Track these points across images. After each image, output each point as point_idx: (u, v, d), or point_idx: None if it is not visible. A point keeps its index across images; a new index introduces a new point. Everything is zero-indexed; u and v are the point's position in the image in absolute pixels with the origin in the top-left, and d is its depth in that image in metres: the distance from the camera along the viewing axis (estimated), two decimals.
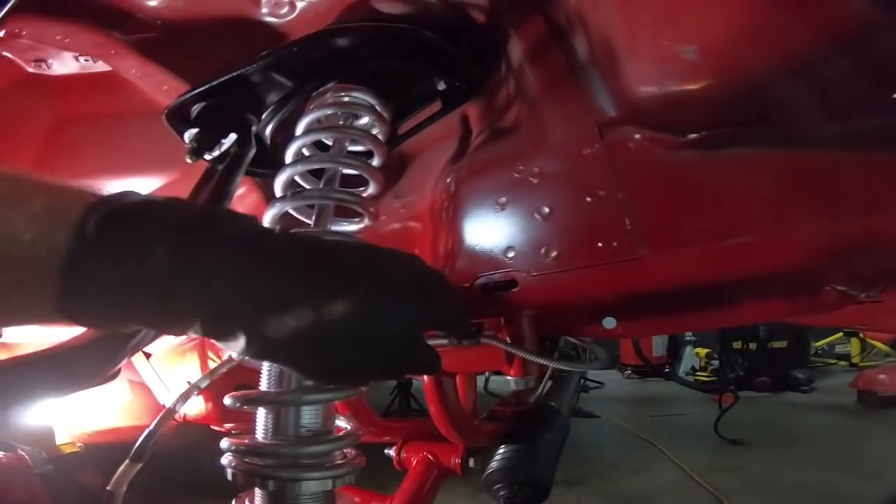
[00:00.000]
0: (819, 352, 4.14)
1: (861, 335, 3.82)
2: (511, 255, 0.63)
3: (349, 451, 0.60)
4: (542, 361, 0.66)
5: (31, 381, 0.47)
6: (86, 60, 0.87)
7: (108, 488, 0.70)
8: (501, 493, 0.81)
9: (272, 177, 0.72)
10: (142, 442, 0.73)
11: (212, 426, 1.33)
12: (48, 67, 0.89)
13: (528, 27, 0.65)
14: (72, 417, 1.57)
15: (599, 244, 0.58)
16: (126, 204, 0.35)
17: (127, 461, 0.72)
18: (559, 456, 0.94)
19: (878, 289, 0.92)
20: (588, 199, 0.59)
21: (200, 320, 0.35)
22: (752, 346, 3.50)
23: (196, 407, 1.38)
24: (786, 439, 2.60)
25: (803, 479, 2.04)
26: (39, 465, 1.39)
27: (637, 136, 0.58)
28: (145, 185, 1.09)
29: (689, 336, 4.06)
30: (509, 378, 0.72)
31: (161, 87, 0.82)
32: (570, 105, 0.62)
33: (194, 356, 1.31)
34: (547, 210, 0.61)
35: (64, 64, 0.89)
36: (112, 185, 1.23)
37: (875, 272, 0.84)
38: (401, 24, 0.67)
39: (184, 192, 1.10)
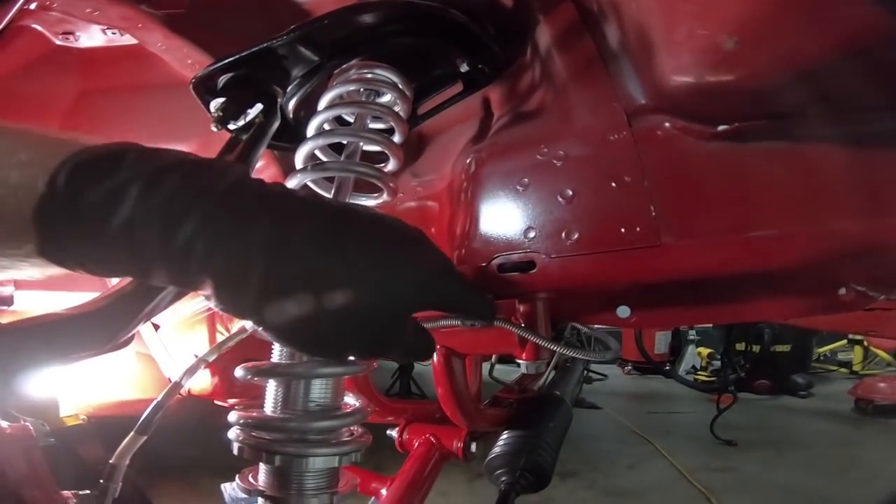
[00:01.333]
0: (821, 358, 4.15)
1: (865, 343, 3.82)
2: (531, 236, 0.63)
3: (355, 429, 0.60)
4: (555, 347, 0.66)
5: (41, 346, 0.45)
6: (113, 34, 0.87)
7: (111, 461, 0.69)
8: (503, 478, 0.82)
9: (292, 150, 0.72)
10: (148, 414, 0.73)
11: (216, 401, 1.35)
12: (76, 40, 0.90)
13: (559, 13, 0.65)
14: (77, 389, 1.59)
15: (622, 229, 0.58)
16: (104, 152, 0.34)
17: (132, 433, 0.72)
18: (561, 444, 0.94)
19: None
20: (613, 184, 0.58)
21: (167, 266, 0.33)
22: (756, 348, 3.51)
23: (201, 381, 1.38)
24: (779, 442, 2.62)
25: (792, 482, 2.06)
26: (41, 437, 1.40)
27: (667, 124, 0.57)
28: None
29: (692, 335, 4.07)
30: (520, 362, 0.72)
31: (186, 61, 0.83)
32: (598, 91, 0.61)
33: (203, 329, 1.32)
34: (570, 193, 0.60)
35: (91, 37, 0.89)
36: None
37: (893, 275, 0.84)
38: (430, 3, 0.66)
39: None
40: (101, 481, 0.66)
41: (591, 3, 0.64)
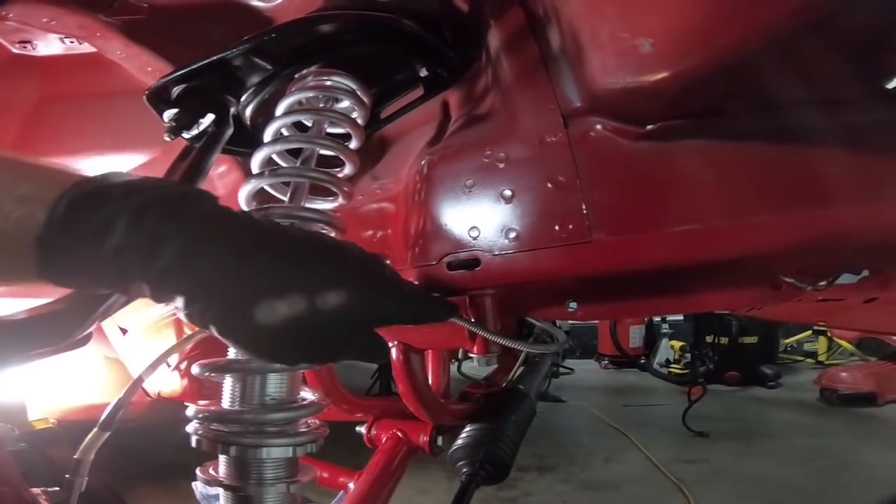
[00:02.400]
0: (788, 349, 4.28)
1: (829, 334, 3.95)
2: (475, 235, 0.66)
3: (313, 422, 0.62)
4: (501, 340, 0.69)
5: (2, 346, 0.47)
6: (71, 42, 0.88)
7: (75, 457, 0.71)
8: (464, 469, 0.85)
9: (250, 155, 0.74)
10: (111, 410, 0.75)
11: (187, 403, 1.35)
12: (33, 49, 0.90)
13: (508, 17, 0.68)
14: (45, 393, 1.57)
15: (556, 227, 0.61)
16: (97, 186, 0.40)
17: (95, 429, 0.73)
18: (523, 437, 0.97)
19: (826, 282, 0.97)
20: (549, 184, 0.62)
21: (148, 285, 0.39)
22: (724, 340, 3.61)
23: (171, 384, 1.39)
24: (749, 433, 2.70)
25: (763, 472, 2.13)
26: (11, 441, 1.38)
27: (598, 126, 0.61)
28: (127, 162, 1.10)
29: (665, 329, 4.16)
30: (472, 356, 0.75)
31: (145, 69, 0.84)
32: (539, 94, 0.64)
33: (170, 332, 1.32)
34: (509, 193, 0.64)
35: (49, 45, 0.90)
36: (94, 163, 1.25)
37: (822, 266, 0.90)
38: (383, 14, 0.68)
39: (164, 169, 1.12)
40: (67, 476, 0.67)
41: (538, 7, 0.67)
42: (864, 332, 2.74)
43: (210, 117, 0.65)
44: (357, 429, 1.06)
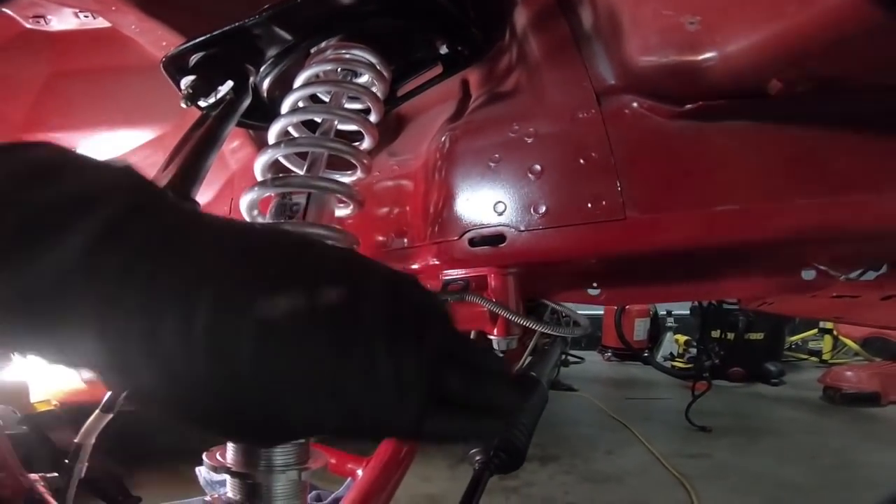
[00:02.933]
0: (793, 346, 4.27)
1: (834, 333, 3.94)
2: (501, 210, 0.64)
3: None
4: (523, 322, 0.67)
5: None
6: (85, 17, 0.86)
7: (76, 440, 0.68)
8: (477, 457, 0.83)
9: (265, 129, 0.72)
10: (113, 393, 0.72)
11: None
12: (46, 23, 0.89)
13: None
14: (48, 374, 1.55)
15: (589, 204, 0.59)
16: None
17: (97, 411, 0.71)
18: (536, 424, 0.96)
19: (859, 272, 0.95)
20: (581, 160, 0.60)
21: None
22: (730, 336, 3.59)
23: None
24: (751, 429, 2.70)
25: (764, 469, 2.12)
26: (12, 423, 1.37)
27: (634, 104, 0.59)
28: (137, 137, 1.09)
29: (670, 322, 4.15)
30: (491, 338, 0.73)
31: (160, 43, 0.82)
32: (570, 72, 0.62)
33: None
34: (539, 168, 0.62)
35: (63, 20, 0.88)
36: (104, 138, 1.23)
37: (855, 255, 0.87)
38: None
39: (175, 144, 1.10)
40: (67, 461, 0.65)
41: None
42: (880, 329, 2.72)
43: (228, 85, 0.62)
44: None
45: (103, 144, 1.12)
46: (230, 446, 0.56)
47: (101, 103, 1.03)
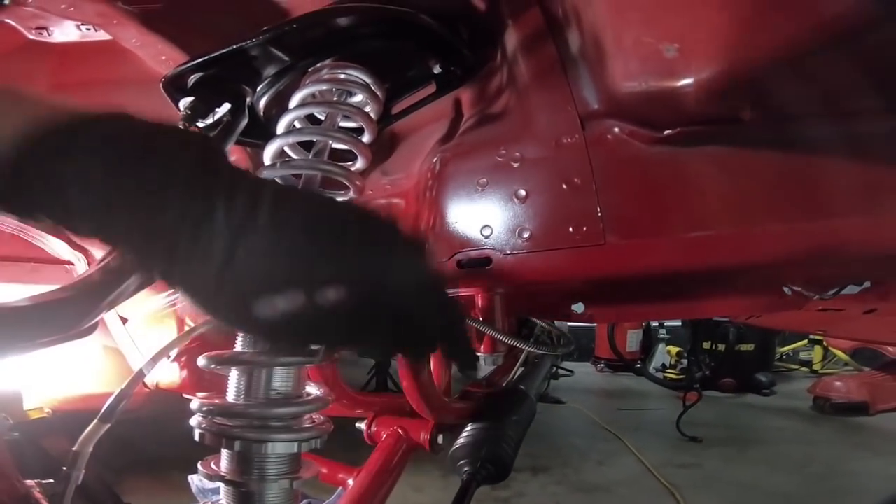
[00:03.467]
0: (783, 357, 4.31)
1: (824, 343, 3.98)
2: (487, 234, 0.66)
3: (317, 417, 0.61)
4: (508, 340, 0.69)
5: (3, 334, 0.45)
6: (87, 29, 0.88)
7: (73, 449, 0.69)
8: (465, 468, 0.84)
9: (262, 147, 0.74)
10: (112, 402, 0.73)
11: (185, 395, 1.34)
12: (49, 35, 0.90)
13: (526, 17, 0.68)
14: (41, 382, 1.55)
15: (570, 228, 0.61)
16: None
17: (95, 420, 0.71)
18: (523, 437, 0.97)
19: (833, 293, 0.98)
20: (564, 185, 0.62)
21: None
22: (721, 347, 3.62)
23: (170, 375, 1.38)
24: (742, 440, 2.72)
25: (754, 479, 2.14)
26: (4, 431, 1.36)
27: (616, 129, 0.61)
28: None
29: (662, 334, 4.18)
30: (478, 355, 0.75)
31: (160, 57, 0.84)
32: (556, 95, 0.64)
33: (171, 322, 1.31)
34: (524, 193, 0.64)
35: (65, 32, 0.90)
36: None
37: (830, 277, 0.90)
38: (401, 8, 0.68)
39: None
40: (64, 469, 0.66)
41: (557, 9, 0.67)
42: (863, 341, 2.76)
43: (226, 107, 0.64)
44: (357, 425, 1.06)
45: None
46: (224, 455, 0.57)
47: None
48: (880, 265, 0.89)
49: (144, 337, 1.37)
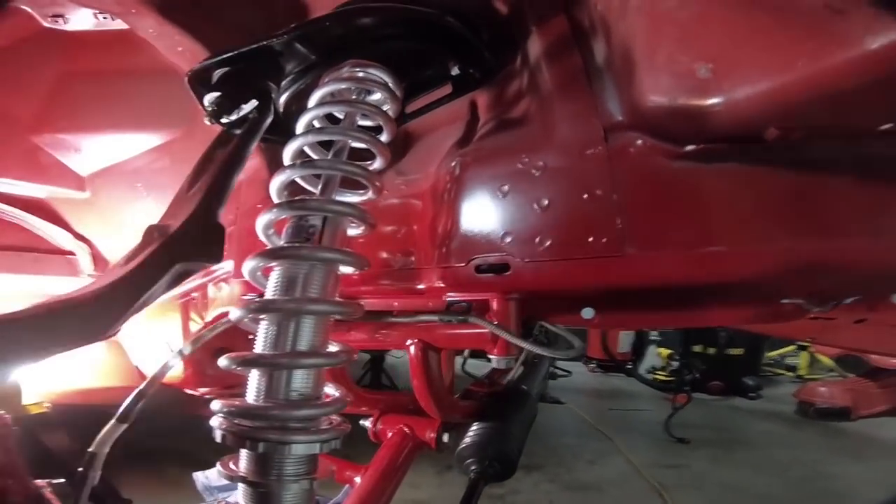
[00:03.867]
0: (771, 362, 4.38)
1: (811, 349, 4.06)
2: (507, 240, 0.67)
3: (334, 418, 0.62)
4: (524, 345, 0.70)
5: (40, 336, 0.46)
6: (104, 17, 0.87)
7: (90, 449, 0.68)
8: (473, 467, 0.86)
9: (280, 143, 0.73)
10: (130, 402, 0.72)
11: (188, 390, 1.33)
12: (64, 23, 0.89)
13: (551, 25, 0.68)
14: (40, 376, 1.53)
15: (590, 239, 0.62)
16: None
17: (112, 421, 0.71)
18: (527, 435, 0.99)
19: (830, 306, 1.00)
20: (585, 195, 0.63)
21: None
22: (711, 350, 3.68)
23: (173, 370, 1.37)
24: (728, 441, 2.77)
25: (739, 480, 2.19)
26: (10, 431, 1.34)
27: (639, 141, 0.61)
28: (144, 141, 1.09)
29: (653, 336, 4.23)
30: (491, 357, 0.76)
31: (176, 48, 0.83)
32: (580, 105, 0.65)
33: (176, 316, 1.31)
34: (546, 202, 0.65)
35: (81, 20, 0.89)
36: (110, 140, 1.23)
37: (830, 291, 0.92)
38: (426, 10, 0.68)
39: (183, 151, 1.11)
40: (81, 469, 0.65)
41: (584, 19, 0.68)
42: (850, 350, 2.82)
43: (252, 103, 0.64)
44: (361, 422, 1.06)
45: (109, 147, 1.12)
46: (244, 455, 0.57)
47: (111, 106, 1.03)
48: (879, 282, 0.92)
49: (147, 330, 1.37)
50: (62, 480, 0.85)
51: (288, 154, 0.72)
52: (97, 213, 1.33)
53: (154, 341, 1.37)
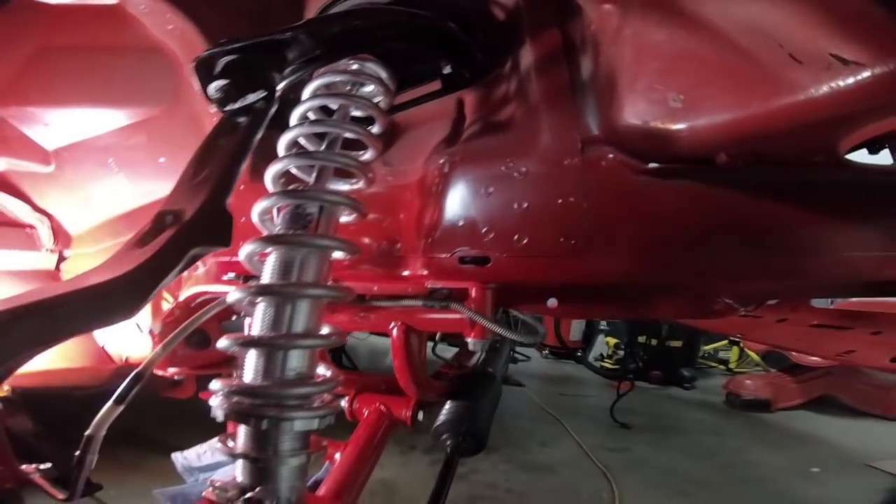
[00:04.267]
0: (705, 355, 4.72)
1: (741, 345, 4.42)
2: (490, 236, 0.73)
3: (325, 396, 0.66)
4: (500, 331, 0.77)
5: (71, 316, 0.47)
6: None
7: (87, 433, 0.67)
8: (448, 441, 0.92)
9: (274, 131, 0.76)
10: (127, 384, 0.72)
11: (157, 371, 1.32)
12: None
13: (545, 37, 0.74)
14: None
15: (561, 239, 0.70)
16: None
17: (109, 403, 0.70)
18: (494, 414, 1.07)
19: (754, 306, 1.14)
20: (560, 201, 0.70)
21: None
22: (654, 341, 3.93)
23: (140, 349, 1.35)
24: (664, 428, 2.99)
25: (674, 464, 2.38)
26: None
27: (610, 155, 0.69)
28: (120, 117, 1.07)
29: (602, 325, 4.46)
30: (468, 340, 0.83)
31: (166, 26, 0.82)
32: (563, 117, 0.71)
33: None
34: (525, 204, 0.72)
35: None
36: (84, 115, 1.20)
37: (754, 294, 1.06)
38: (431, 15, 0.72)
39: (161, 129, 1.10)
40: (78, 453, 0.65)
41: (576, 36, 0.73)
42: (773, 346, 3.11)
43: (259, 94, 0.66)
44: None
45: (81, 122, 1.09)
46: (243, 432, 0.60)
47: (88, 81, 1.00)
48: (798, 289, 1.06)
49: None
50: (49, 465, 0.84)
51: (282, 145, 0.75)
52: (61, 188, 1.28)
53: (124, 323, 1.35)
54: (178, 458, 1.21)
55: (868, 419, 3.16)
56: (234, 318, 1.13)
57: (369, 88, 0.82)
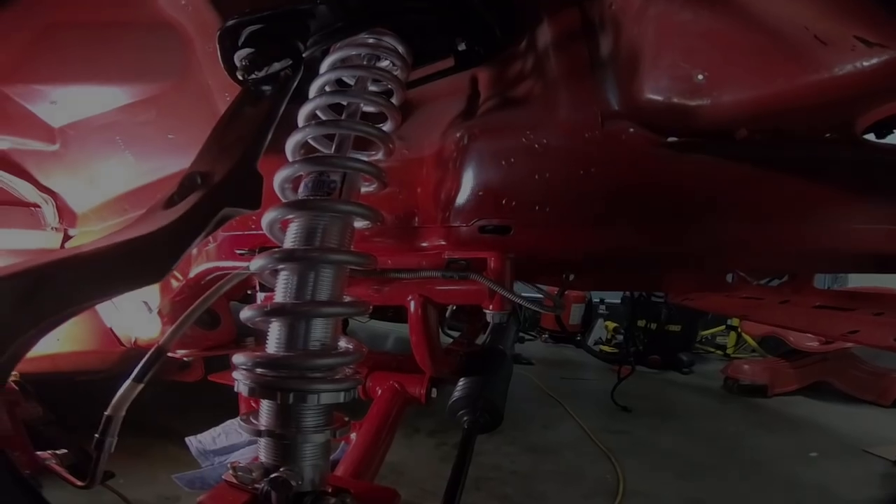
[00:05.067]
0: (703, 340, 4.77)
1: (739, 330, 4.46)
2: (511, 205, 0.74)
3: (346, 370, 0.64)
4: (518, 300, 0.78)
5: (106, 273, 0.46)
6: None
7: (106, 413, 0.65)
8: (465, 417, 0.92)
9: (293, 104, 0.75)
10: (147, 360, 0.70)
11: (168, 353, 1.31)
12: None
13: (564, 15, 0.74)
14: None
15: (583, 209, 0.70)
16: None
17: (129, 381, 0.68)
18: (507, 389, 1.08)
19: (767, 280, 1.16)
20: (581, 172, 0.71)
21: None
22: (653, 325, 3.96)
23: (150, 331, 1.34)
24: (664, 411, 3.03)
25: (674, 447, 2.42)
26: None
27: (630, 129, 0.69)
28: (128, 94, 1.06)
29: (602, 309, 4.48)
30: (486, 312, 0.83)
31: (180, 2, 0.81)
32: (582, 92, 0.72)
33: None
34: (547, 175, 0.72)
35: None
36: (92, 92, 1.17)
37: (767, 267, 1.07)
38: None
39: (172, 104, 1.08)
40: (97, 435, 0.63)
41: (595, 15, 0.73)
42: (776, 327, 3.14)
43: (285, 62, 0.65)
44: None
45: (88, 99, 1.08)
46: (265, 407, 0.58)
47: (97, 58, 0.99)
48: (803, 261, 1.07)
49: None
50: (65, 451, 0.83)
51: (302, 115, 0.75)
52: (67, 166, 1.27)
53: (130, 301, 1.34)
54: (192, 442, 1.22)
55: (863, 405, 3.21)
56: (247, 291, 1.12)
57: (386, 63, 0.81)
